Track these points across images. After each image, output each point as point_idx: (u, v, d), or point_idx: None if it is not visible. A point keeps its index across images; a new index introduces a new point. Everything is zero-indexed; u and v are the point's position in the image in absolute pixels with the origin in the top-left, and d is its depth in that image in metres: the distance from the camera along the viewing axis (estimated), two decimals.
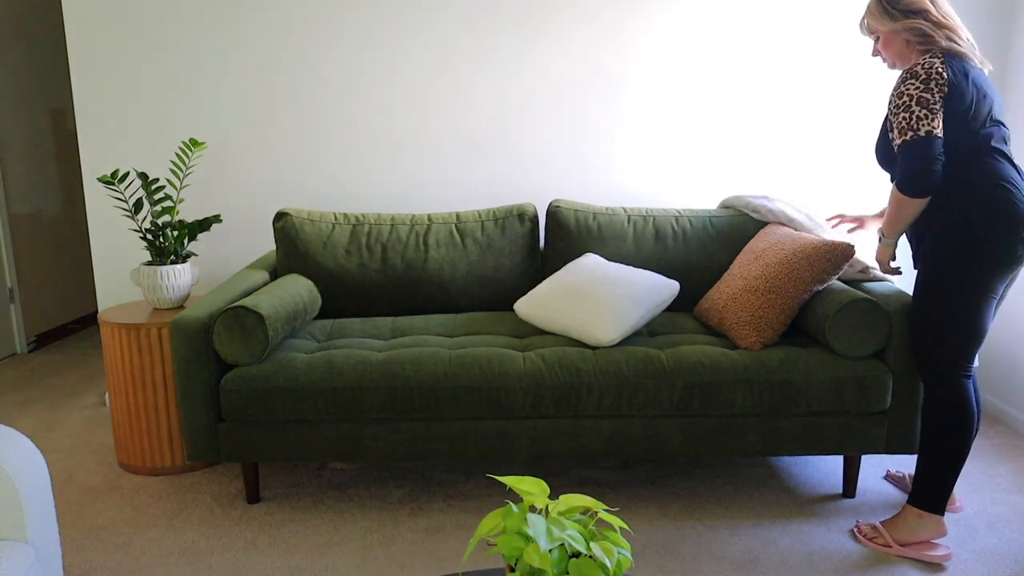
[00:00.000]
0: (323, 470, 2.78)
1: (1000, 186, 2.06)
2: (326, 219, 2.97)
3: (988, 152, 2.10)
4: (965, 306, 2.10)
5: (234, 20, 3.16)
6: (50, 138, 4.60)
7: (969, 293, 2.09)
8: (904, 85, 2.09)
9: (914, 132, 2.05)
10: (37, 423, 3.28)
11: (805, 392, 2.33)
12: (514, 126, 3.24)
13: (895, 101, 2.11)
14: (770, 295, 2.43)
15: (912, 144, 2.06)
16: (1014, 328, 3.11)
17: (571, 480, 2.68)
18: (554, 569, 1.15)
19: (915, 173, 2.07)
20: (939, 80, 2.04)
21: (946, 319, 2.13)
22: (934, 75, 2.05)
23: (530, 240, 2.98)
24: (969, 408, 2.15)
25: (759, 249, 2.64)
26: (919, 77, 2.06)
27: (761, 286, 2.46)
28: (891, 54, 2.22)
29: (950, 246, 2.09)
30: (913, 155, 2.06)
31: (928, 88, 2.05)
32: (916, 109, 2.05)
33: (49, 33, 4.57)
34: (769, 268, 2.49)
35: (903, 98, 2.08)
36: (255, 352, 2.38)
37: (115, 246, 3.33)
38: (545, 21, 3.15)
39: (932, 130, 2.04)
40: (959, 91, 2.05)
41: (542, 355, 2.41)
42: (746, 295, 2.49)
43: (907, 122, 2.07)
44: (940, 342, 2.15)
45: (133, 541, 2.34)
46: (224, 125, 3.25)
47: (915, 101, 2.05)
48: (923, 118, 2.04)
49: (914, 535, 2.21)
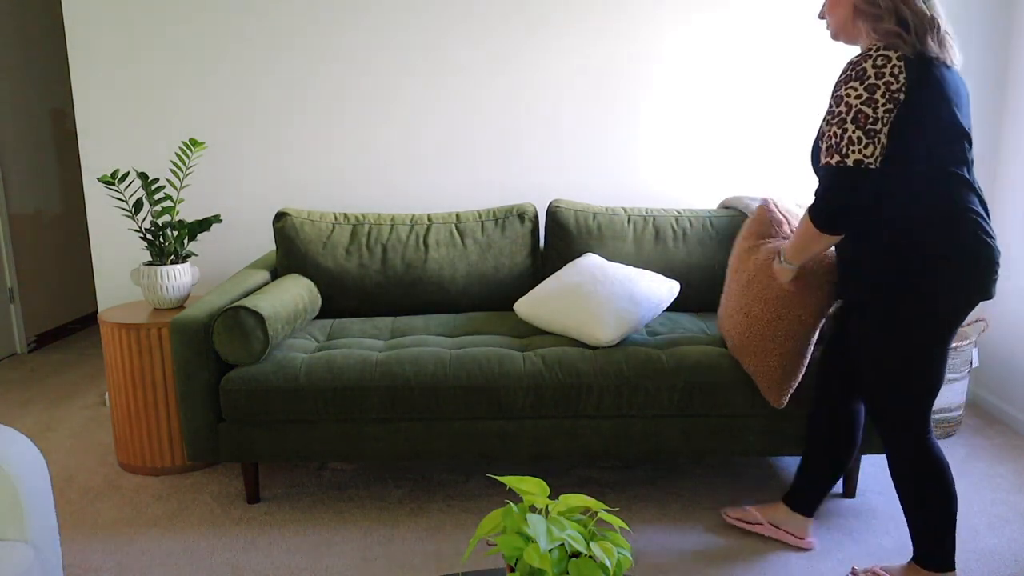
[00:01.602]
0: (323, 470, 2.78)
1: (971, 219, 1.73)
2: (326, 219, 2.97)
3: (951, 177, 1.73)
4: (928, 356, 1.81)
5: (234, 20, 3.16)
6: (50, 138, 4.60)
7: (933, 343, 1.80)
8: (846, 88, 1.69)
9: (842, 157, 1.69)
10: (37, 423, 3.28)
11: (804, 392, 2.33)
12: (514, 126, 3.24)
13: (833, 105, 1.73)
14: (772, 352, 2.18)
15: (838, 172, 1.70)
16: (1014, 328, 3.11)
17: (571, 480, 2.69)
18: (554, 569, 1.15)
19: (833, 208, 1.73)
20: (890, 86, 1.65)
21: (903, 370, 1.84)
22: (886, 79, 1.66)
23: (530, 240, 2.98)
24: (942, 461, 1.90)
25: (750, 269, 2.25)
26: (864, 80, 1.67)
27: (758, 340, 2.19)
28: (835, 21, 1.82)
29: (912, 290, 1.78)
30: (834, 185, 1.71)
31: (872, 99, 1.65)
32: (851, 128, 1.67)
33: (49, 33, 4.57)
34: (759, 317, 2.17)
35: (841, 105, 1.70)
36: (255, 352, 2.38)
37: (115, 246, 3.33)
38: (545, 22, 3.15)
39: (863, 160, 1.67)
40: (917, 101, 1.67)
41: (542, 355, 2.41)
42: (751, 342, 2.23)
43: (837, 140, 1.69)
44: (896, 394, 1.88)
45: (133, 541, 2.34)
46: (224, 125, 3.25)
47: (851, 117, 1.67)
48: (856, 142, 1.67)
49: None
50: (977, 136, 3.18)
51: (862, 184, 1.70)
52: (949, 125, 1.71)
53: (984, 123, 3.17)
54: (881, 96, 1.66)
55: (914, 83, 1.66)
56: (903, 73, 1.66)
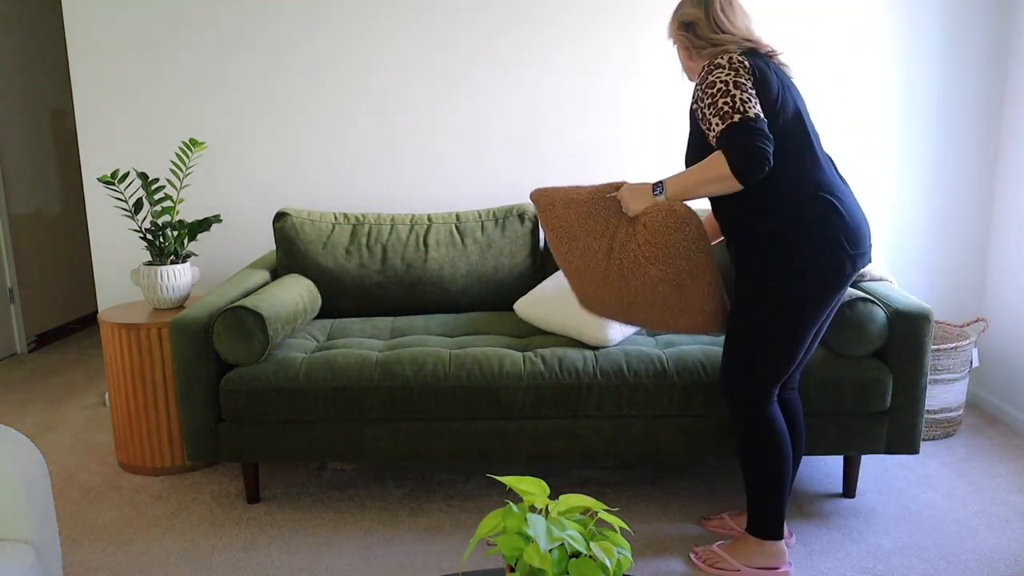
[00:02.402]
0: (323, 470, 2.78)
1: (823, 198, 1.88)
2: (326, 219, 2.97)
3: (807, 155, 1.90)
4: (781, 335, 1.95)
5: (234, 20, 3.16)
6: (50, 138, 4.60)
7: (787, 323, 1.94)
8: (712, 75, 1.86)
9: (742, 114, 1.79)
10: (37, 423, 3.28)
11: (805, 392, 2.33)
12: (514, 126, 3.24)
13: (707, 91, 1.85)
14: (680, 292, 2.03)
15: (743, 124, 1.79)
16: (1014, 328, 3.11)
17: (571, 480, 2.69)
18: (554, 569, 1.15)
19: (752, 151, 1.78)
20: (744, 67, 1.85)
21: (757, 344, 1.98)
22: (736, 64, 1.85)
23: (530, 240, 2.98)
24: (778, 432, 2.03)
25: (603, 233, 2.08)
26: (724, 67, 1.85)
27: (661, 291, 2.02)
28: (688, 59, 2.04)
29: (770, 270, 1.92)
30: (746, 133, 1.79)
31: (739, 74, 1.84)
32: (736, 93, 1.81)
33: (49, 33, 4.57)
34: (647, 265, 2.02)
35: (717, 85, 1.84)
36: (255, 352, 2.38)
37: (115, 246, 3.33)
38: (545, 20, 3.15)
39: (759, 113, 1.81)
40: (765, 78, 1.87)
41: (542, 355, 2.41)
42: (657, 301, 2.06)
43: (731, 106, 1.81)
44: (750, 367, 2.00)
45: (133, 541, 2.34)
46: (224, 125, 3.25)
47: (732, 85, 1.82)
48: (747, 101, 1.80)
49: (759, 561, 2.10)
50: (977, 136, 3.18)
51: (767, 130, 1.82)
52: (794, 104, 1.91)
53: (984, 123, 3.17)
54: (743, 71, 1.85)
55: (755, 64, 1.88)
56: (747, 59, 1.88)
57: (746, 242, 1.97)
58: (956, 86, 3.15)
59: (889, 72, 3.15)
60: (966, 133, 3.18)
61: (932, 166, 3.22)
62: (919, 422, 2.37)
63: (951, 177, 3.23)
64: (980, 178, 3.22)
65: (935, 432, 2.97)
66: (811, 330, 1.97)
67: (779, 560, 2.11)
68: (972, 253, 3.28)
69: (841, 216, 1.88)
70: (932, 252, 3.28)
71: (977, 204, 3.24)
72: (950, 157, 3.21)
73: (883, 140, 3.20)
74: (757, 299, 1.96)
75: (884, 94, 3.17)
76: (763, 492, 2.07)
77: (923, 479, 2.67)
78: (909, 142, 3.20)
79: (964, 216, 3.25)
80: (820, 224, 1.88)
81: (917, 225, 3.27)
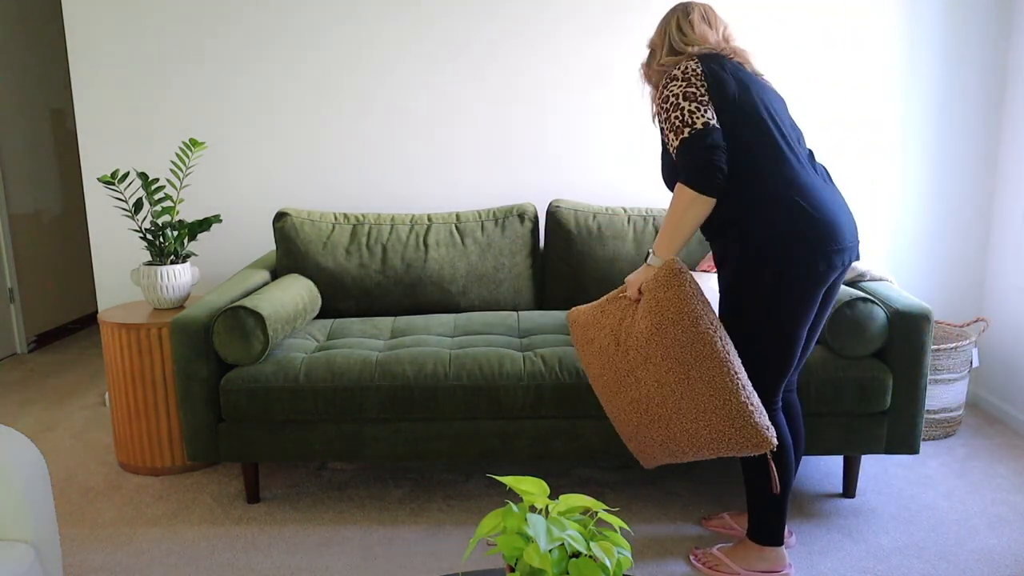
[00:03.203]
0: (323, 470, 2.78)
1: (791, 198, 1.88)
2: (326, 219, 2.97)
3: (774, 154, 1.91)
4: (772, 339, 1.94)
5: (234, 20, 3.16)
6: (50, 138, 4.60)
7: (775, 326, 1.93)
8: (667, 89, 1.94)
9: (691, 127, 1.88)
10: (37, 423, 3.28)
11: (805, 392, 2.33)
12: (514, 126, 3.24)
13: (662, 107, 1.95)
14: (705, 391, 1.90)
15: (692, 139, 1.88)
16: (1014, 328, 3.11)
17: (571, 480, 2.69)
18: (554, 569, 1.15)
19: (701, 166, 1.86)
20: (696, 73, 1.91)
21: (751, 352, 1.96)
22: (690, 72, 1.92)
23: (530, 240, 2.98)
24: (783, 439, 2.02)
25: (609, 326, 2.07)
26: (677, 79, 1.93)
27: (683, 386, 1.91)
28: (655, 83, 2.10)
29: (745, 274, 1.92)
30: (695, 148, 1.87)
31: (691, 84, 1.90)
32: (685, 105, 1.89)
33: (49, 33, 4.57)
34: (660, 361, 1.93)
35: (669, 100, 1.92)
36: (255, 352, 2.38)
37: (115, 246, 3.33)
38: (546, 21, 3.15)
39: (708, 121, 1.87)
40: (719, 79, 1.91)
41: (542, 355, 2.41)
42: (681, 398, 1.93)
43: (680, 120, 1.90)
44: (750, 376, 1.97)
45: (133, 541, 2.34)
46: (224, 125, 3.25)
47: (683, 97, 1.90)
48: (695, 111, 1.88)
49: (758, 567, 2.10)
50: (977, 136, 3.18)
51: (715, 137, 1.87)
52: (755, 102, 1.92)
53: (984, 123, 3.17)
54: (696, 79, 1.91)
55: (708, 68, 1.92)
56: (700, 65, 1.93)
57: (722, 249, 1.98)
58: (956, 86, 3.15)
59: (889, 72, 3.15)
60: (966, 133, 3.18)
61: (932, 166, 3.22)
62: (919, 422, 2.37)
63: (951, 177, 3.23)
64: (980, 178, 3.22)
65: (935, 432, 2.97)
66: (801, 329, 1.96)
67: (779, 565, 2.10)
68: (972, 253, 3.28)
69: (810, 214, 1.87)
70: (932, 252, 3.28)
71: (977, 204, 3.24)
72: (950, 157, 3.21)
73: (883, 140, 3.20)
74: (740, 306, 1.96)
75: (884, 94, 3.17)
76: (765, 499, 2.06)
77: (923, 479, 2.67)
78: (909, 142, 3.20)
79: (964, 216, 3.25)
80: (788, 223, 1.88)
81: (917, 225, 3.27)
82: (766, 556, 2.10)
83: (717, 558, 2.15)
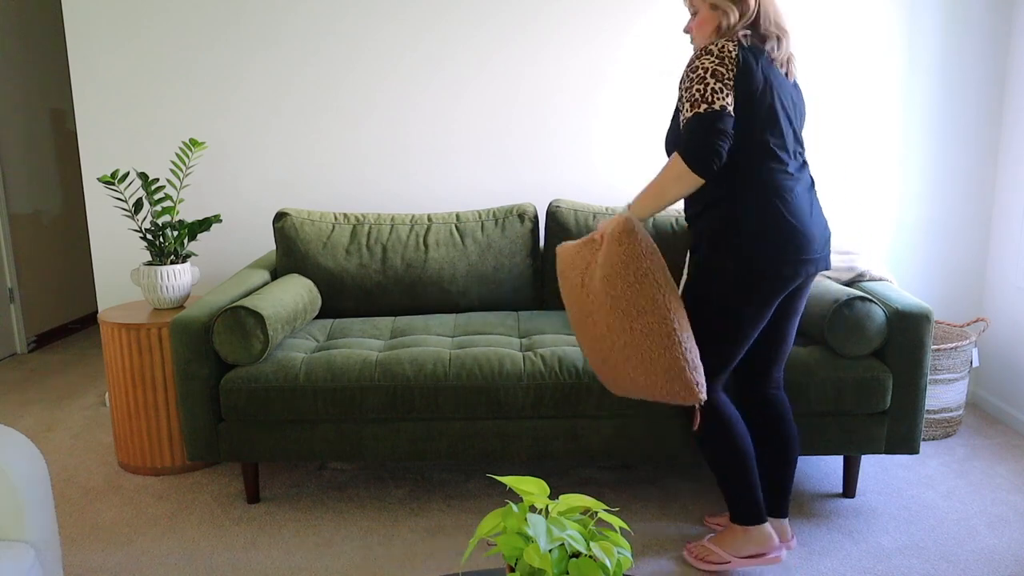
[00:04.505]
0: (323, 470, 2.79)
1: (773, 202, 1.93)
2: (326, 219, 2.97)
3: (770, 155, 1.94)
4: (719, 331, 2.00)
5: (234, 20, 3.16)
6: (50, 138, 4.60)
7: (726, 321, 1.99)
8: (700, 60, 1.93)
9: (709, 104, 1.88)
10: (37, 423, 3.28)
11: (804, 392, 2.33)
12: (514, 126, 3.24)
13: (689, 75, 1.93)
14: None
15: (705, 116, 1.88)
16: (1014, 328, 3.11)
17: (571, 480, 2.68)
18: (554, 569, 1.15)
19: (703, 145, 1.87)
20: (731, 58, 1.90)
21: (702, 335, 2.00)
22: (727, 54, 1.91)
23: (530, 240, 2.98)
24: (726, 416, 2.07)
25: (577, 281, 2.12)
26: (713, 54, 1.91)
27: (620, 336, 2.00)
28: (701, 37, 2.04)
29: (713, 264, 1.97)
30: (705, 126, 1.88)
31: (723, 63, 1.90)
32: (711, 81, 1.89)
33: (49, 33, 4.57)
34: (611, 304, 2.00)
35: (698, 71, 1.91)
36: (255, 352, 2.38)
37: (115, 246, 3.33)
38: (546, 21, 3.15)
39: (727, 106, 1.89)
40: (749, 71, 1.91)
41: (542, 355, 2.41)
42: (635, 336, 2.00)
43: (701, 94, 1.89)
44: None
45: (133, 541, 2.34)
46: (224, 125, 3.25)
47: (710, 74, 1.89)
48: (718, 92, 1.88)
49: (747, 549, 2.12)
50: (978, 135, 3.18)
51: (727, 124, 1.88)
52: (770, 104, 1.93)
53: (985, 123, 3.17)
54: (728, 62, 1.90)
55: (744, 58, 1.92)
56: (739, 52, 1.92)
57: (697, 234, 2.03)
58: (956, 85, 3.15)
59: (889, 72, 3.15)
60: (966, 133, 3.18)
61: (932, 166, 3.22)
62: (919, 422, 2.37)
63: (951, 177, 3.23)
64: (980, 178, 3.22)
65: (935, 432, 2.97)
66: (752, 329, 2.01)
67: (767, 544, 2.12)
68: (972, 253, 3.28)
69: (787, 220, 1.92)
70: (932, 252, 3.28)
71: (977, 204, 3.24)
72: (950, 157, 3.21)
73: (883, 140, 3.20)
74: (699, 293, 2.02)
75: (884, 94, 3.17)
76: (728, 477, 2.10)
77: (923, 479, 2.67)
78: (909, 142, 3.20)
79: (964, 216, 3.25)
80: (764, 224, 1.92)
81: (917, 225, 3.27)
82: (752, 536, 2.12)
83: (707, 548, 2.17)
